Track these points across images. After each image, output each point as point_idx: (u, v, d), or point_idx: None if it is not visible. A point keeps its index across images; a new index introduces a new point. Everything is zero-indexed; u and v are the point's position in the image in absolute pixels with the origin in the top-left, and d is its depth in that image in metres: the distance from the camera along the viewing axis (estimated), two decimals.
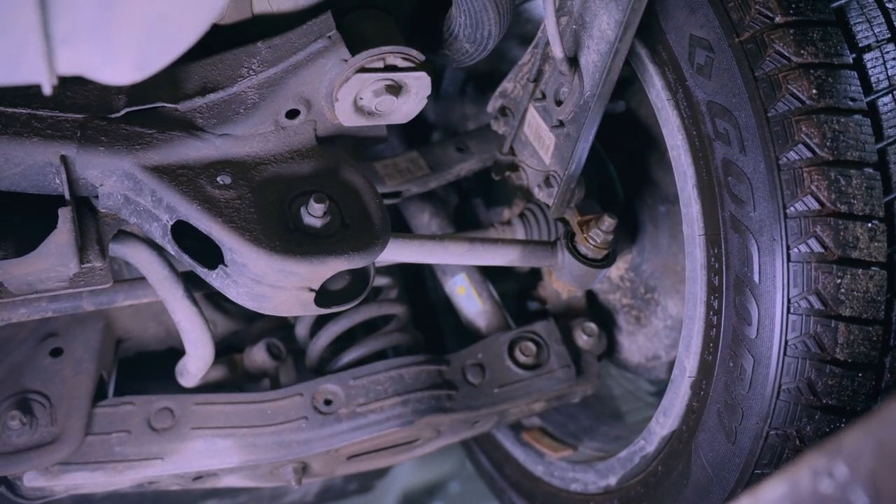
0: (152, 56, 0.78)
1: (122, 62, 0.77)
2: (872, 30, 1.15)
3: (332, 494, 2.40)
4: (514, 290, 2.00)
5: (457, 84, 2.09)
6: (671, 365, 1.80)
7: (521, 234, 1.71)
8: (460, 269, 1.80)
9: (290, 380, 1.70)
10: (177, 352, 1.86)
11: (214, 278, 1.26)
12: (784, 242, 1.12)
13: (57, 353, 1.54)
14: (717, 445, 1.27)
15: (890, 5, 1.17)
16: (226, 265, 1.23)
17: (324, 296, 1.32)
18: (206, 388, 1.65)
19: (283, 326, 1.83)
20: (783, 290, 1.13)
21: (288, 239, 1.23)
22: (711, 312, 1.27)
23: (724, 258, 1.22)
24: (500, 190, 2.17)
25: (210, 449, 1.49)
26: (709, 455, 1.29)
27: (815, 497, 0.61)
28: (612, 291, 1.85)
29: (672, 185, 1.69)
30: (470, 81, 2.10)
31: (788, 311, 1.13)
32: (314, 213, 1.24)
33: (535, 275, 1.94)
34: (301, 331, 1.73)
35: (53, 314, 1.41)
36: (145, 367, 1.86)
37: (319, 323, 1.73)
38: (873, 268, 1.11)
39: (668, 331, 1.76)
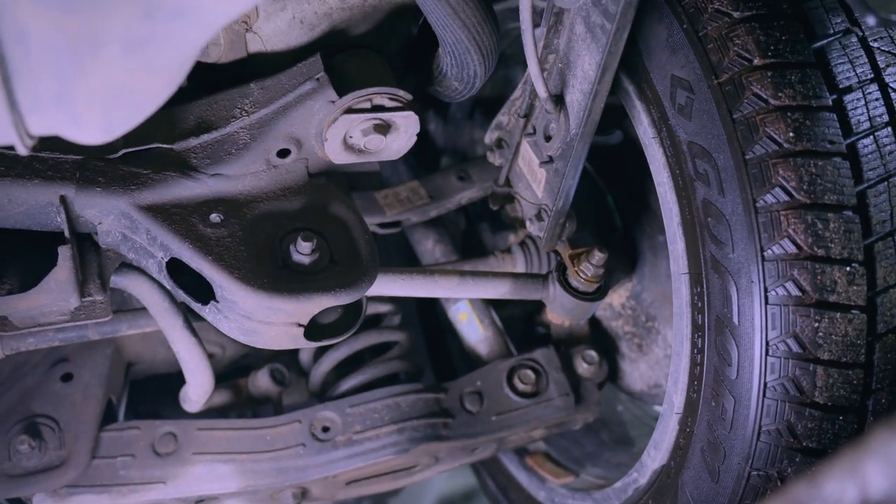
0: (118, 121, 0.82)
1: (88, 128, 0.81)
2: (854, 70, 1.14)
3: None
4: (520, 315, 2.02)
5: (465, 109, 2.11)
6: None
7: (520, 263, 1.72)
8: None
9: (296, 402, 1.74)
10: None
11: (207, 313, 1.30)
12: (762, 285, 1.12)
13: (67, 377, 1.60)
14: (701, 483, 1.27)
15: (875, 45, 1.16)
16: (217, 301, 1.27)
17: (315, 329, 1.35)
18: (211, 412, 1.69)
19: (290, 351, 1.87)
20: (761, 332, 1.13)
21: (276, 276, 1.26)
22: (696, 350, 1.27)
23: (705, 297, 1.22)
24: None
25: (211, 474, 1.54)
26: (694, 493, 1.29)
27: None
28: (614, 318, 1.85)
29: None
30: (478, 107, 2.12)
31: (767, 354, 1.13)
32: (302, 251, 1.27)
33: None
34: (304, 356, 1.77)
35: (60, 343, 1.47)
36: (160, 388, 1.92)
37: (321, 349, 1.76)
38: (853, 311, 1.10)
39: (668, 360, 1.76)
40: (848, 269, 1.09)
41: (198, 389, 1.51)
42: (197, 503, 1.60)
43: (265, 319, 1.26)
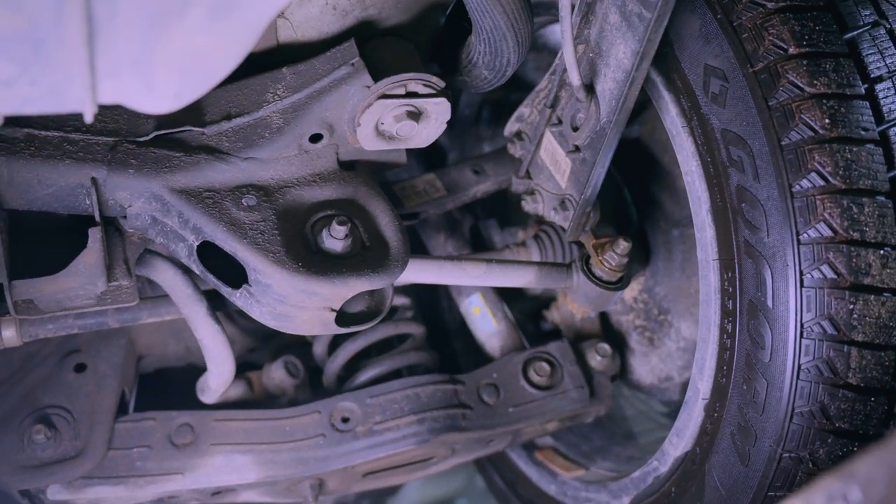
0: (189, 88, 0.81)
1: (160, 94, 0.80)
2: (884, 60, 1.18)
3: None
4: (527, 312, 2.03)
5: (473, 107, 2.12)
6: (684, 386, 1.82)
7: (535, 256, 1.73)
8: (476, 289, 1.82)
9: (305, 398, 1.73)
10: (196, 368, 1.89)
11: (238, 297, 1.29)
12: (797, 268, 1.14)
13: (80, 368, 1.58)
14: (730, 467, 1.29)
15: None
16: (249, 285, 1.26)
17: (343, 316, 1.35)
18: (223, 405, 1.67)
19: (299, 345, 1.86)
20: (796, 314, 1.15)
21: (310, 260, 1.26)
22: (725, 336, 1.29)
23: (737, 282, 1.24)
24: (513, 211, 2.20)
25: (229, 465, 1.52)
26: (722, 477, 1.31)
27: None
28: (625, 313, 1.87)
29: (685, 210, 1.71)
30: (486, 105, 2.13)
31: (801, 336, 1.15)
32: (336, 236, 1.27)
33: (548, 296, 1.96)
34: (319, 349, 1.76)
35: (79, 331, 1.44)
36: (165, 383, 1.89)
37: (335, 342, 1.75)
38: (885, 294, 1.13)
39: (681, 352, 1.78)
40: (882, 252, 1.12)
41: (218, 378, 1.49)
42: (213, 495, 1.58)
43: (299, 303, 1.26)
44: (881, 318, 1.13)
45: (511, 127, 1.61)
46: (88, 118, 0.83)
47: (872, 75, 1.16)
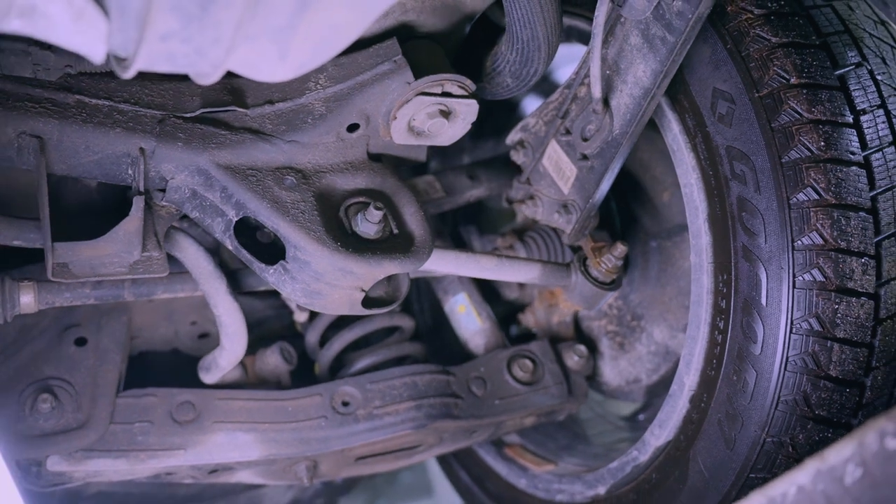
0: (314, 58, 0.89)
1: (289, 63, 0.87)
2: (867, 96, 1.35)
3: None
4: (498, 315, 2.13)
5: None
6: (649, 388, 1.96)
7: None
8: (461, 288, 1.91)
9: (298, 385, 1.77)
10: (179, 355, 1.90)
11: (272, 273, 1.34)
12: (791, 271, 1.30)
13: (81, 342, 1.58)
14: (715, 452, 1.42)
15: (879, 77, 1.38)
16: (286, 262, 1.32)
17: (367, 299, 1.42)
18: (221, 386, 1.70)
19: (284, 336, 1.90)
20: (787, 312, 1.30)
21: (347, 241, 1.33)
22: (717, 332, 1.43)
23: (732, 283, 1.39)
24: (488, 220, 2.31)
25: (232, 442, 1.55)
26: (707, 461, 1.44)
27: (881, 454, 0.76)
28: (598, 318, 2.00)
29: (663, 223, 1.87)
30: None
31: (791, 332, 1.30)
32: (371, 220, 1.34)
33: (521, 302, 2.07)
34: (312, 337, 1.81)
35: (95, 301, 1.46)
36: (145, 368, 1.89)
37: (330, 332, 1.81)
38: (863, 297, 1.29)
39: (651, 356, 1.92)
40: (863, 260, 1.29)
41: (230, 356, 1.53)
42: (211, 473, 1.60)
43: (334, 281, 1.32)
44: (859, 318, 1.29)
45: (514, 136, 1.72)
46: (210, 80, 0.89)
47: (858, 107, 1.33)
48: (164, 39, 0.80)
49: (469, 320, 1.91)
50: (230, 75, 1.08)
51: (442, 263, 1.52)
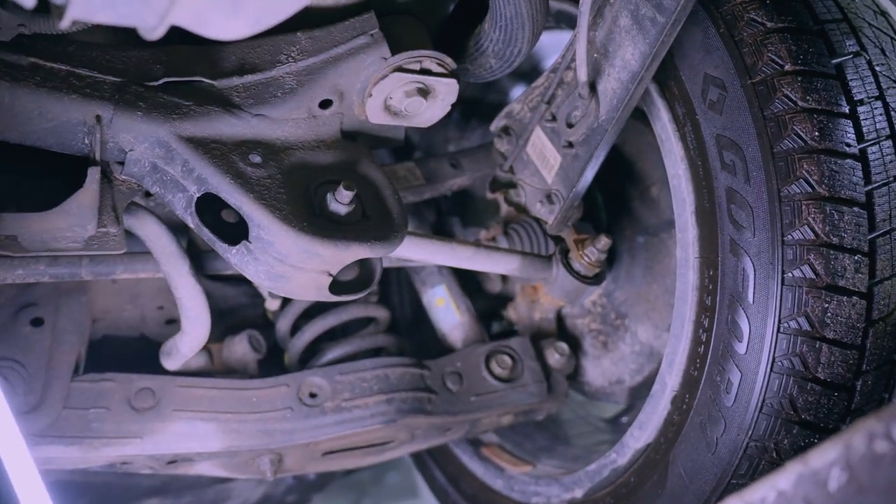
0: (270, 12, 0.82)
1: (244, 16, 0.80)
2: (865, 87, 1.29)
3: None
4: (481, 310, 2.06)
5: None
6: (632, 390, 1.89)
7: None
8: (441, 280, 1.85)
9: (265, 374, 1.70)
10: (145, 340, 1.83)
11: (234, 254, 1.27)
12: (780, 267, 1.23)
13: (37, 322, 1.51)
14: (696, 455, 1.36)
15: (878, 69, 1.32)
16: (249, 241, 1.25)
17: (335, 284, 1.35)
18: (184, 373, 1.63)
19: (257, 325, 1.83)
20: (775, 310, 1.24)
21: (314, 222, 1.26)
22: (701, 330, 1.36)
23: (719, 279, 1.32)
24: (473, 212, 2.25)
25: (192, 432, 1.48)
26: (687, 465, 1.37)
27: (869, 458, 0.69)
28: (581, 316, 1.94)
29: (651, 218, 1.80)
30: (457, 106, 2.17)
31: (778, 331, 1.24)
32: (341, 200, 1.28)
33: (504, 296, 2.00)
34: (283, 326, 1.74)
35: (49, 279, 1.39)
36: (108, 353, 1.82)
37: (301, 321, 1.74)
38: (855, 297, 1.23)
39: (634, 356, 1.85)
40: (856, 257, 1.22)
41: (192, 341, 1.46)
42: (169, 464, 1.53)
43: (299, 264, 1.26)
44: (850, 319, 1.23)
45: (498, 122, 1.66)
46: (156, 34, 0.82)
47: (855, 98, 1.27)
48: None
49: (447, 313, 1.84)
50: (197, 41, 1.02)
51: (416, 250, 1.45)
